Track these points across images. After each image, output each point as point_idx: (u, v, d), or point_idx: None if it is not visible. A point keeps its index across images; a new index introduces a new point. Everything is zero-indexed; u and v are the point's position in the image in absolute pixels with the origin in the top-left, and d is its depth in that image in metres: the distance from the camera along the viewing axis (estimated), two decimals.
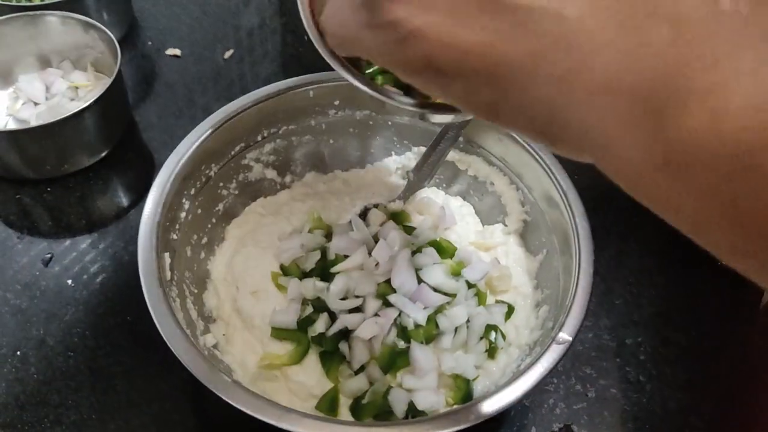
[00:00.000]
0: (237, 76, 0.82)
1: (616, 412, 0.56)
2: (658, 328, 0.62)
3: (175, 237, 0.54)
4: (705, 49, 0.21)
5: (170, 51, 0.83)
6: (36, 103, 0.74)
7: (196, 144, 0.56)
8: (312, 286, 0.53)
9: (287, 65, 0.84)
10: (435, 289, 0.53)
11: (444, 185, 0.66)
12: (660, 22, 0.21)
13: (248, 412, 0.41)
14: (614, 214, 0.69)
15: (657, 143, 0.22)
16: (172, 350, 0.44)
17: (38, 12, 0.70)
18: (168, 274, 0.51)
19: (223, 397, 0.42)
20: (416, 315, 0.51)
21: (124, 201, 0.70)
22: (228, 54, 0.84)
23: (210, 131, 0.57)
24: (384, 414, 0.50)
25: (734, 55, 0.21)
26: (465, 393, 0.51)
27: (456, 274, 0.55)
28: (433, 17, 0.25)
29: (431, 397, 0.50)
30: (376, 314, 0.52)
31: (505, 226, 0.62)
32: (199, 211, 0.58)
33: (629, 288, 0.64)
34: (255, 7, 0.91)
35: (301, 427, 0.40)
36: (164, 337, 0.45)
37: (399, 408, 0.49)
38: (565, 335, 0.47)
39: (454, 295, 0.53)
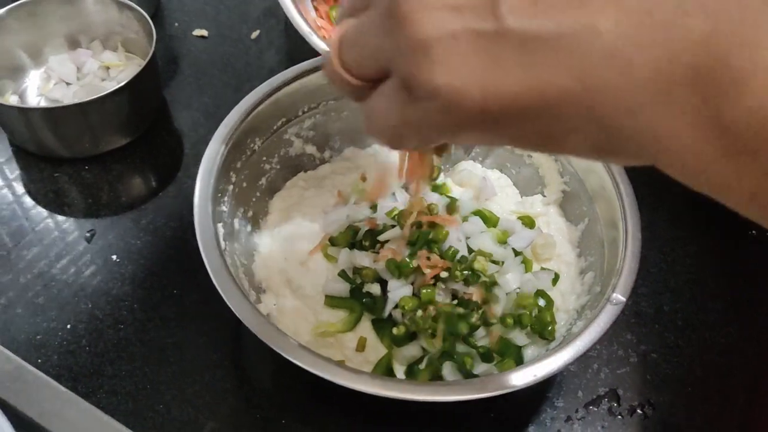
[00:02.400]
0: (265, 56, 0.82)
1: (658, 376, 0.58)
2: (694, 295, 0.63)
3: (224, 209, 0.55)
4: (745, 33, 0.21)
5: (197, 32, 0.83)
6: (68, 83, 0.74)
7: (243, 118, 0.57)
8: (362, 256, 0.54)
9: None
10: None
11: (480, 158, 0.67)
12: (693, 14, 0.22)
13: (322, 374, 0.42)
14: (643, 186, 0.70)
15: (718, 131, 0.22)
16: (239, 317, 0.45)
17: None
18: (223, 244, 0.51)
19: (295, 362, 0.43)
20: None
21: (160, 179, 0.70)
22: (255, 34, 0.84)
23: (255, 105, 0.58)
24: (438, 378, 0.51)
25: None
26: (516, 360, 0.52)
27: (502, 242, 0.56)
28: (472, 73, 0.24)
29: (484, 364, 0.51)
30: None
31: (544, 196, 0.63)
32: (244, 184, 0.59)
33: (663, 257, 0.66)
34: None
35: (384, 389, 0.41)
36: (229, 304, 0.46)
37: (452, 377, 0.50)
38: (620, 296, 0.48)
39: (501, 263, 0.54)
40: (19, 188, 0.68)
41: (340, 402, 0.54)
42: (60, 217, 0.65)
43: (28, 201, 0.66)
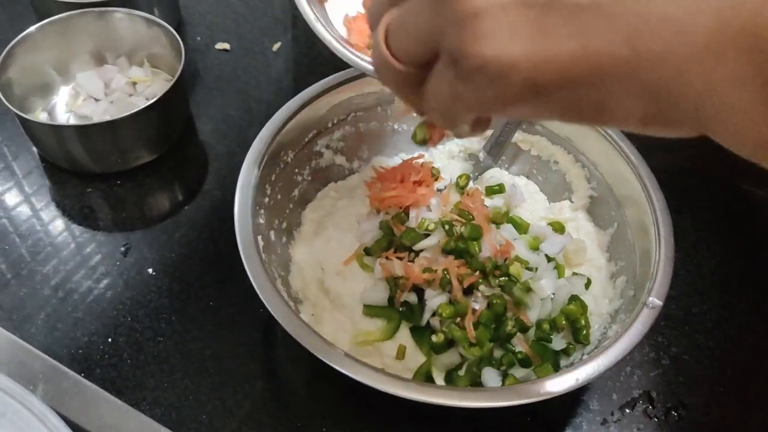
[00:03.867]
0: (288, 68, 0.83)
1: (690, 378, 0.58)
2: (721, 295, 0.64)
3: (261, 221, 0.56)
4: None
5: (219, 45, 0.85)
6: (96, 99, 0.75)
7: (276, 132, 0.58)
8: (398, 265, 0.55)
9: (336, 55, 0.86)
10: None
11: (506, 165, 0.68)
12: None
13: (370, 383, 0.43)
14: (666, 190, 0.71)
15: None
16: (285, 328, 0.46)
17: (107, 8, 0.72)
18: (263, 256, 0.52)
19: (342, 370, 0.44)
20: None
21: (189, 191, 0.71)
22: (276, 46, 0.85)
23: (287, 120, 0.59)
24: (476, 384, 0.52)
25: None
26: (553, 364, 0.53)
27: (534, 248, 0.57)
28: (520, 45, 0.24)
29: (522, 369, 0.52)
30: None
31: (572, 202, 0.63)
32: (279, 196, 0.60)
33: (690, 259, 0.66)
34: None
35: (432, 396, 0.42)
36: (274, 315, 0.47)
37: (492, 384, 0.51)
38: (656, 300, 0.49)
39: (535, 269, 0.55)
40: (52, 205, 0.69)
41: (378, 408, 0.55)
42: (95, 232, 0.66)
43: (62, 217, 0.68)
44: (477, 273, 0.53)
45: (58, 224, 0.67)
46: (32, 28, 0.70)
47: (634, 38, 0.23)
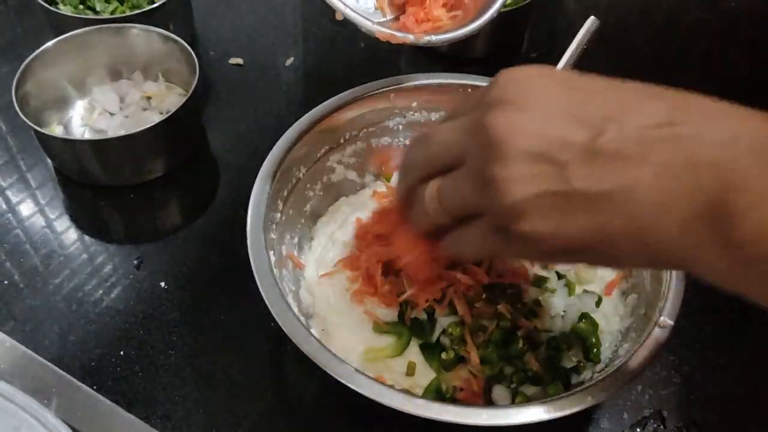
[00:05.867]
0: (300, 83, 0.84)
1: (702, 396, 0.58)
2: (733, 313, 0.64)
3: (273, 236, 0.56)
4: (747, 178, 0.30)
5: (233, 60, 0.86)
6: (111, 113, 0.76)
7: (289, 148, 0.58)
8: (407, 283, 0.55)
9: (348, 69, 0.87)
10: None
11: None
12: (704, 170, 0.30)
13: (377, 399, 0.43)
14: None
15: (730, 252, 0.30)
16: (298, 346, 0.46)
17: (123, 24, 0.73)
18: (274, 271, 0.53)
19: (352, 386, 0.44)
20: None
21: (201, 205, 0.72)
22: (289, 61, 0.86)
23: (300, 136, 0.59)
24: (487, 401, 0.52)
25: (764, 178, 0.30)
26: (564, 382, 0.52)
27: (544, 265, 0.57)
28: (550, 222, 0.33)
29: (533, 387, 0.52)
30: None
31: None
32: (291, 211, 0.60)
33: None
34: (310, 15, 0.93)
35: (439, 413, 0.42)
36: (285, 331, 0.47)
37: (502, 402, 0.51)
38: (668, 320, 0.49)
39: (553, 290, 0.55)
40: (65, 217, 0.69)
41: (387, 424, 0.55)
42: (107, 245, 0.67)
43: (75, 229, 0.68)
44: (483, 292, 0.53)
45: (71, 236, 0.68)
46: (49, 44, 0.71)
47: (635, 219, 0.32)
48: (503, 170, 0.33)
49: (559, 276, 0.57)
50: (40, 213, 0.70)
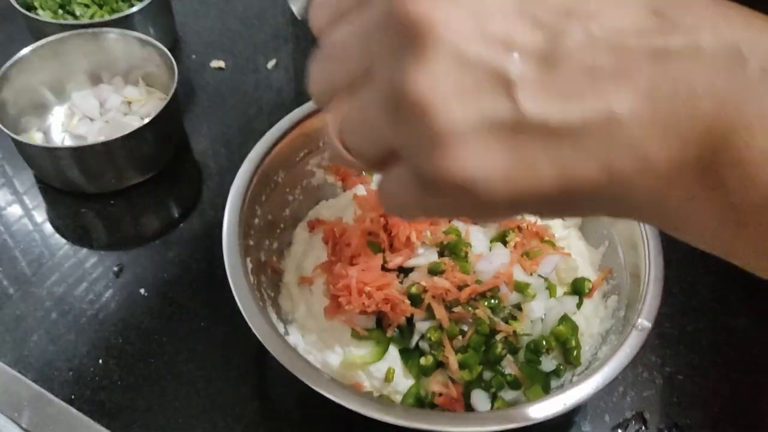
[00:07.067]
0: (282, 85, 0.84)
1: (685, 398, 0.58)
2: (716, 314, 0.63)
3: (251, 243, 0.56)
4: (747, 111, 0.22)
5: (214, 63, 0.85)
6: (91, 119, 0.75)
7: (267, 152, 0.58)
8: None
9: None
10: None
11: None
12: (702, 99, 0.22)
13: (355, 408, 0.43)
14: None
15: (726, 209, 0.24)
16: (271, 352, 0.46)
17: (100, 29, 0.72)
18: (251, 278, 0.52)
19: (328, 395, 0.44)
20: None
21: (183, 210, 0.71)
22: (271, 64, 0.85)
23: (278, 139, 0.59)
24: (467, 406, 0.51)
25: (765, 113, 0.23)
26: (543, 386, 0.52)
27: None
28: (494, 168, 0.23)
29: (512, 391, 0.51)
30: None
31: (564, 220, 0.63)
32: (269, 216, 0.60)
33: (684, 276, 0.66)
34: (292, 17, 0.92)
35: (416, 421, 0.42)
36: (260, 339, 0.46)
37: (482, 407, 0.51)
38: (645, 322, 0.48)
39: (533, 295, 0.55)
40: (47, 224, 0.69)
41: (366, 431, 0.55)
42: (88, 252, 0.67)
43: (56, 237, 0.68)
44: (464, 292, 0.53)
45: (51, 244, 0.67)
46: (26, 50, 0.70)
47: (608, 164, 0.23)
48: (424, 77, 0.22)
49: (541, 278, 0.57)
50: (26, 217, 0.70)
